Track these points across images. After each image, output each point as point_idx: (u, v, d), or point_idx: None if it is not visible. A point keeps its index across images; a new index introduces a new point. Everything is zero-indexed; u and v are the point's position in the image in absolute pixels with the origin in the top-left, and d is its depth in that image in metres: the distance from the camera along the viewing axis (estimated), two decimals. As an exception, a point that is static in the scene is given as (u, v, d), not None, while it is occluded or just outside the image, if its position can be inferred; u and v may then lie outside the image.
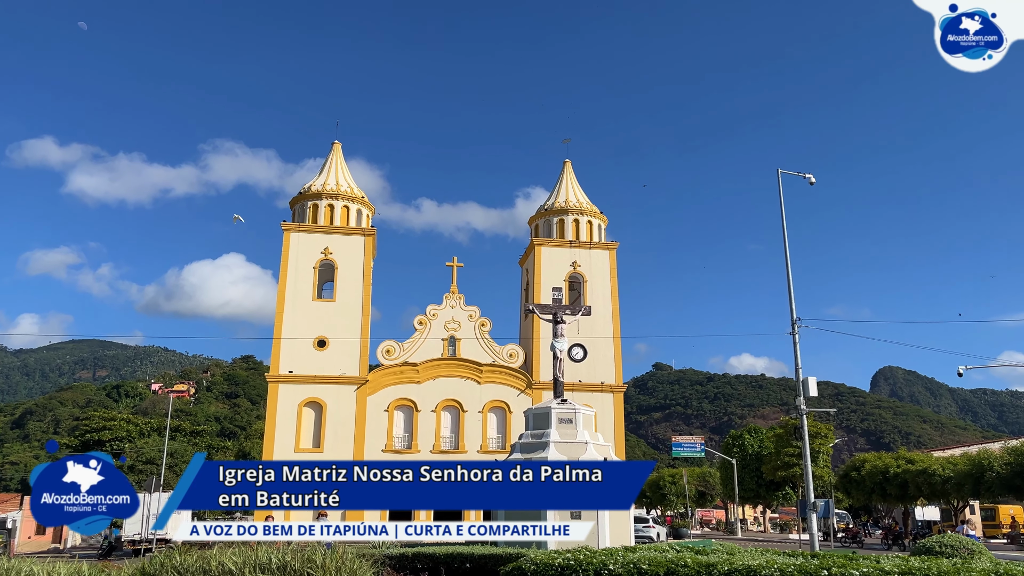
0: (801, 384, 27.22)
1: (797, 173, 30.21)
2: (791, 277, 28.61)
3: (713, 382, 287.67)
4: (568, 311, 24.02)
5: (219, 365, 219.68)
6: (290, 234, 55.02)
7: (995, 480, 42.78)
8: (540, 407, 22.66)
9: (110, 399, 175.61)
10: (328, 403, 52.14)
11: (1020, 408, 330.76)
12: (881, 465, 51.58)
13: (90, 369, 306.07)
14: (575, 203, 59.86)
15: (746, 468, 68.36)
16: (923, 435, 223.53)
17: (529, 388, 54.88)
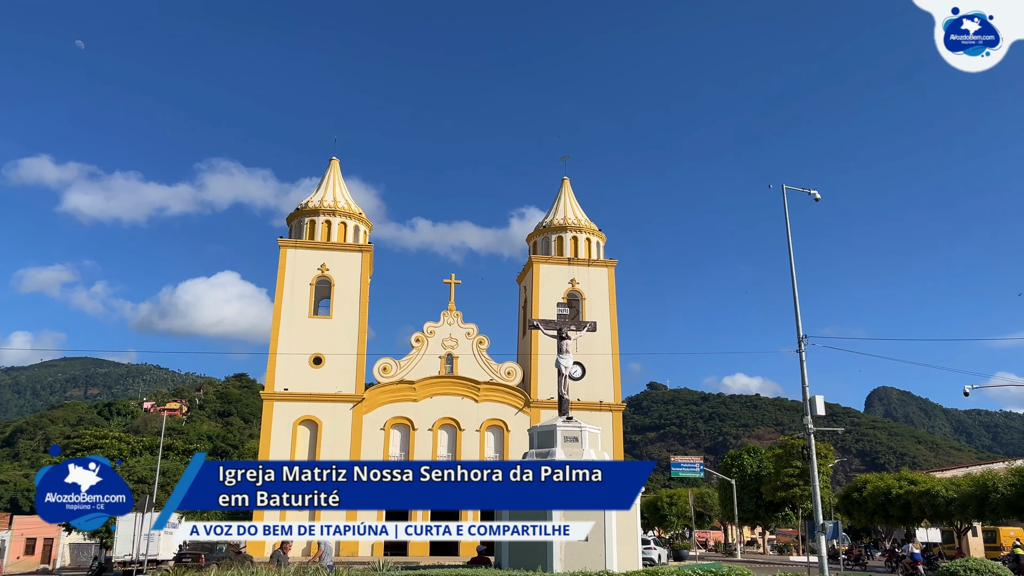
0: (808, 403, 26.69)
1: (802, 189, 29.87)
2: (797, 294, 28.21)
3: (708, 402, 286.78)
4: (573, 327, 23.54)
5: (212, 383, 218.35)
6: (287, 250, 54.53)
7: (1000, 501, 42.24)
8: (545, 425, 22.12)
9: (101, 417, 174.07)
10: (324, 421, 51.47)
11: (1014, 429, 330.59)
12: (883, 486, 51.05)
13: (81, 387, 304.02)
14: (574, 220, 59.54)
15: (745, 488, 67.73)
16: (918, 456, 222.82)
17: (527, 406, 54.31)
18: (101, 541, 65.66)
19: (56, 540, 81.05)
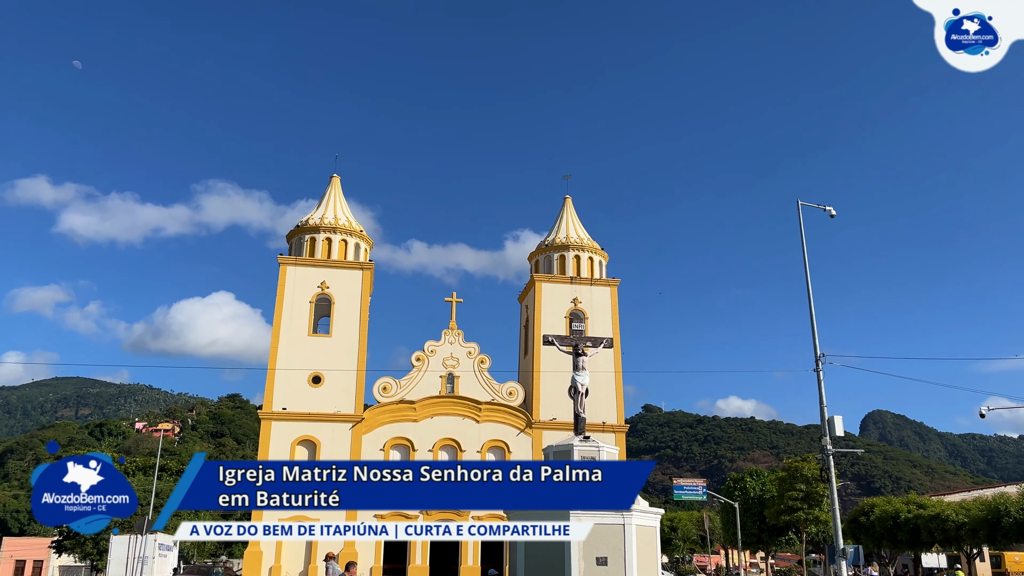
0: (827, 423, 26.01)
1: (817, 205, 29.35)
2: (814, 312, 27.60)
3: (703, 424, 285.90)
4: (589, 343, 22.86)
5: (205, 404, 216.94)
6: (287, 267, 53.74)
7: (1012, 526, 41.50)
8: (562, 444, 21.41)
9: (92, 438, 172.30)
10: (322, 441, 50.48)
11: (1009, 453, 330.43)
12: (891, 510, 50.22)
13: (73, 407, 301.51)
14: (576, 239, 58.95)
15: (748, 512, 66.77)
16: (913, 480, 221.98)
17: (529, 427, 53.44)
18: (92, 564, 64.39)
19: (46, 563, 79.69)
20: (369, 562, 48.48)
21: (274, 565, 47.37)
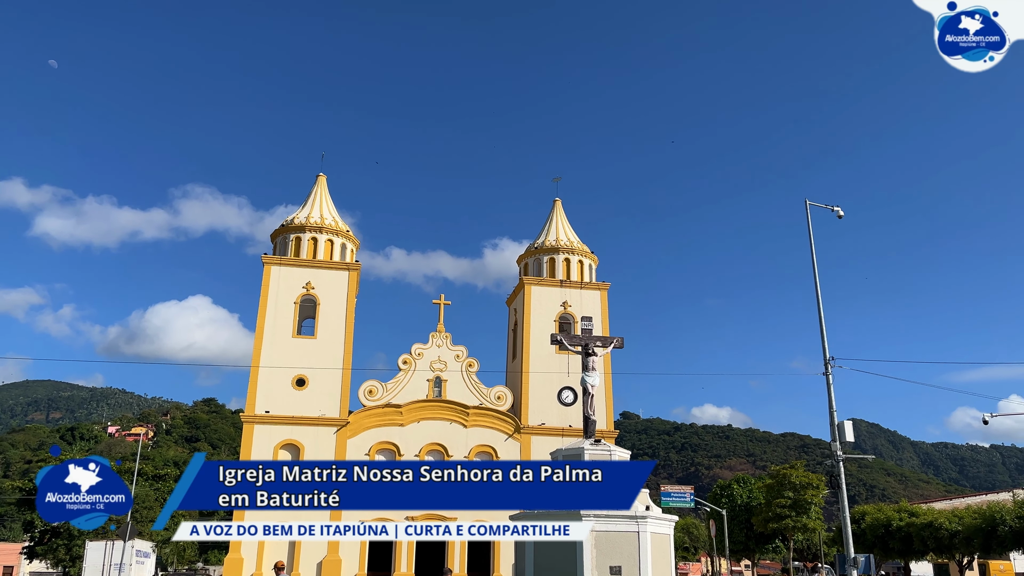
0: (837, 428, 25.39)
1: (825, 206, 28.78)
2: (823, 316, 27.00)
3: (680, 432, 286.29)
4: (599, 342, 22.06)
5: (179, 408, 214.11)
6: (271, 267, 52.51)
7: (1007, 534, 41.13)
8: (571, 448, 20.57)
9: (64, 442, 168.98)
10: (306, 445, 49.24)
11: (980, 462, 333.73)
12: (883, 518, 49.78)
13: (44, 411, 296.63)
14: (566, 242, 58.21)
15: (735, 520, 66.21)
16: (887, 488, 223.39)
17: (517, 432, 52.56)
18: (64, 571, 62.56)
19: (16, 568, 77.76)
20: (353, 568, 47.42)
21: (255, 573, 46.09)
